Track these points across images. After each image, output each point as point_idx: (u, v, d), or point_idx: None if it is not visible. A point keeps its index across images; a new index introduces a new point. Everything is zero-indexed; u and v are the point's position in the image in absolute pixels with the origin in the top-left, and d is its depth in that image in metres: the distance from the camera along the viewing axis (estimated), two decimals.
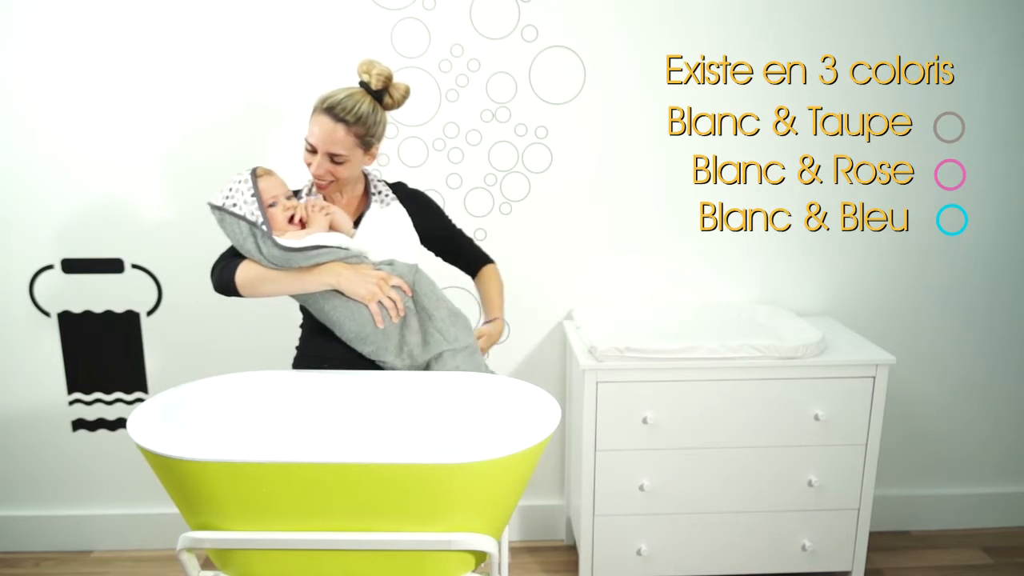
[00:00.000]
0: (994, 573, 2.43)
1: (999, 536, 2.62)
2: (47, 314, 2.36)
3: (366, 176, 1.80)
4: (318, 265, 1.63)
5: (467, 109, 2.26)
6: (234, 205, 1.63)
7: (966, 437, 2.60)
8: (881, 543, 2.56)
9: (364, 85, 1.67)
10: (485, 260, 1.96)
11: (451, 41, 2.21)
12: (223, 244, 1.68)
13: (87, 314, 2.36)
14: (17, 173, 2.25)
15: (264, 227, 1.61)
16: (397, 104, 1.71)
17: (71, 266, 2.33)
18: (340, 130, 1.62)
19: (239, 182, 1.64)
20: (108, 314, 2.37)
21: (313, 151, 1.65)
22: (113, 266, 2.33)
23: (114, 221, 2.30)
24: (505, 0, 2.19)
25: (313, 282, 1.62)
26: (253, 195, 1.62)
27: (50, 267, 2.32)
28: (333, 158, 1.65)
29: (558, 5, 2.20)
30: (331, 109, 1.62)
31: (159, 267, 2.34)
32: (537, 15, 2.21)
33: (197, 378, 1.51)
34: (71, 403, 2.43)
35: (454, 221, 1.92)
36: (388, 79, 1.67)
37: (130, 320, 2.37)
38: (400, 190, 1.84)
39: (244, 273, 1.63)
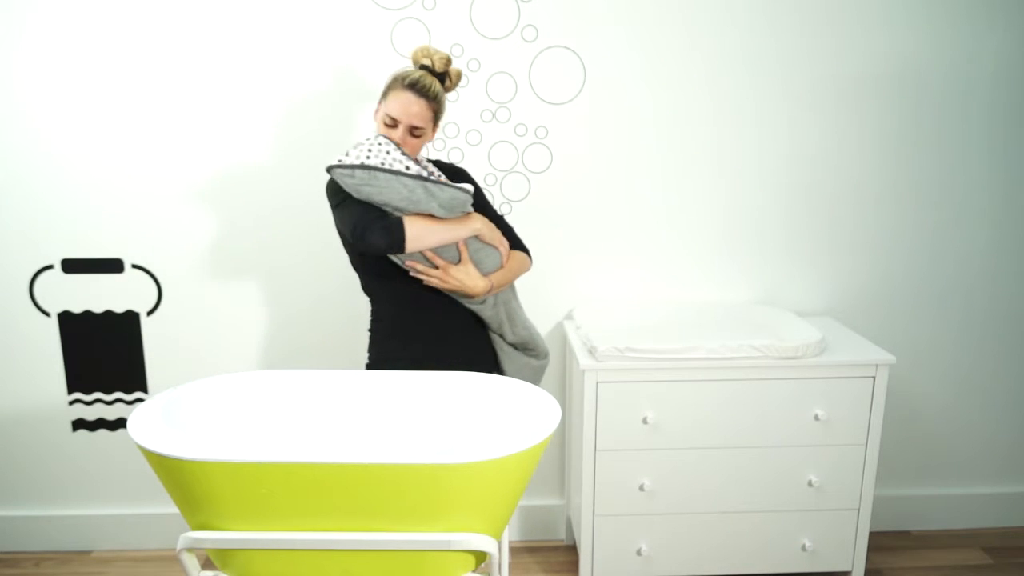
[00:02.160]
0: (994, 573, 2.43)
1: (999, 536, 2.62)
2: (47, 314, 2.36)
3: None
4: (466, 214, 1.80)
5: (467, 109, 2.26)
6: (382, 163, 1.68)
7: (966, 437, 2.60)
8: (881, 543, 2.56)
9: (425, 68, 1.78)
10: (521, 247, 1.99)
11: (451, 41, 2.21)
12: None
13: (87, 314, 2.36)
14: (17, 173, 2.25)
15: (435, 175, 1.71)
16: (454, 86, 1.85)
17: (71, 266, 2.33)
18: (423, 104, 1.74)
19: (377, 144, 1.70)
20: (108, 314, 2.37)
21: (393, 125, 1.75)
22: (113, 266, 2.33)
23: (114, 221, 2.30)
24: (505, 0, 2.19)
25: (465, 228, 1.79)
26: (402, 153, 1.71)
27: (50, 267, 2.32)
28: (413, 131, 1.76)
29: (558, 5, 2.20)
30: (414, 85, 1.74)
31: (159, 267, 2.34)
32: (537, 15, 2.21)
33: (197, 378, 1.51)
34: (71, 403, 2.43)
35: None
36: (448, 62, 1.80)
37: (130, 320, 2.37)
38: (446, 169, 1.92)
39: (412, 226, 1.72)
